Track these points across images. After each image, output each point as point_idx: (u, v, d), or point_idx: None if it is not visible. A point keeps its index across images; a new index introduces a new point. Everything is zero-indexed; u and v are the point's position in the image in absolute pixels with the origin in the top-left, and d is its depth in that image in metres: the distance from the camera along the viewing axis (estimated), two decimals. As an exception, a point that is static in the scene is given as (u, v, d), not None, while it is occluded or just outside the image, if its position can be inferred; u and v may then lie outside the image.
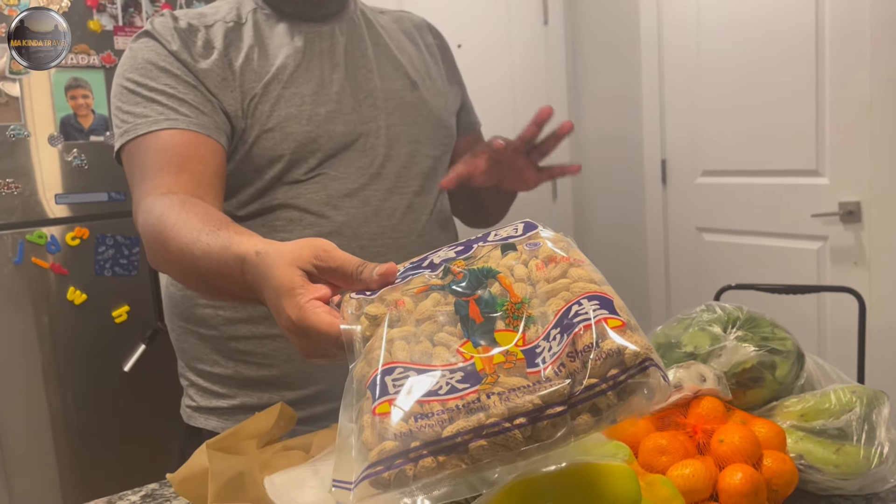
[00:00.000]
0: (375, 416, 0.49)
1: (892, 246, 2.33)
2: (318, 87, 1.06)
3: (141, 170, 0.97)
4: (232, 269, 0.72)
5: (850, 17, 2.32)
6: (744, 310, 0.85)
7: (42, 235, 1.88)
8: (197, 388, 1.15)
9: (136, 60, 1.02)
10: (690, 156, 2.87)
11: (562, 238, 0.61)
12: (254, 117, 1.02)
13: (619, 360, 0.49)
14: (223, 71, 1.02)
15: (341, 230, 1.04)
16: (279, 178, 1.04)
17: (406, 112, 1.12)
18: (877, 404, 0.77)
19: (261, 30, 1.07)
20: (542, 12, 3.20)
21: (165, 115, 0.97)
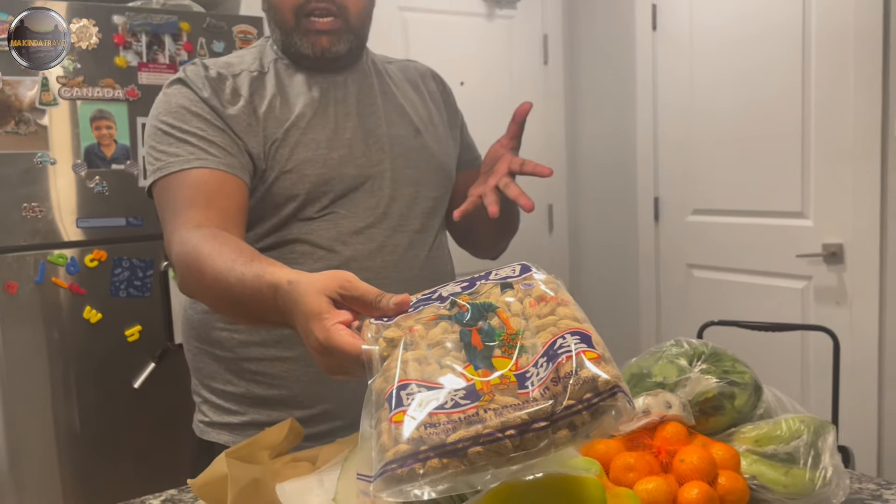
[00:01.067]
0: (392, 423, 0.60)
1: (872, 287, 2.42)
2: (332, 134, 1.16)
3: (173, 204, 1.06)
4: (265, 295, 0.81)
5: (834, 71, 2.45)
6: (708, 345, 0.95)
7: (63, 257, 1.98)
8: (210, 404, 1.24)
9: (170, 105, 1.12)
10: (682, 194, 2.98)
11: (552, 280, 0.72)
12: (274, 159, 1.12)
13: (594, 385, 0.59)
14: (248, 117, 1.12)
15: (349, 264, 1.13)
16: (294, 215, 1.14)
17: (410, 156, 1.22)
18: (823, 433, 0.87)
19: (282, 79, 1.18)
20: (543, 53, 3.33)
21: (196, 155, 1.07)
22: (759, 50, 2.64)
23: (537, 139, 3.33)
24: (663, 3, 2.95)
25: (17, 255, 1.93)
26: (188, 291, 1.03)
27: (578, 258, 3.48)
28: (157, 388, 2.13)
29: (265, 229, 1.16)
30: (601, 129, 3.29)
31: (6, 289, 1.91)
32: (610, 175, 3.27)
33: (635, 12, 3.04)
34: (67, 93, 1.95)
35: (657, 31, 2.98)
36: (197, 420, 1.27)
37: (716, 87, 2.80)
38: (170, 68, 2.06)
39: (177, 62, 2.08)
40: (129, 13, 2.01)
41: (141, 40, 2.01)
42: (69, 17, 1.95)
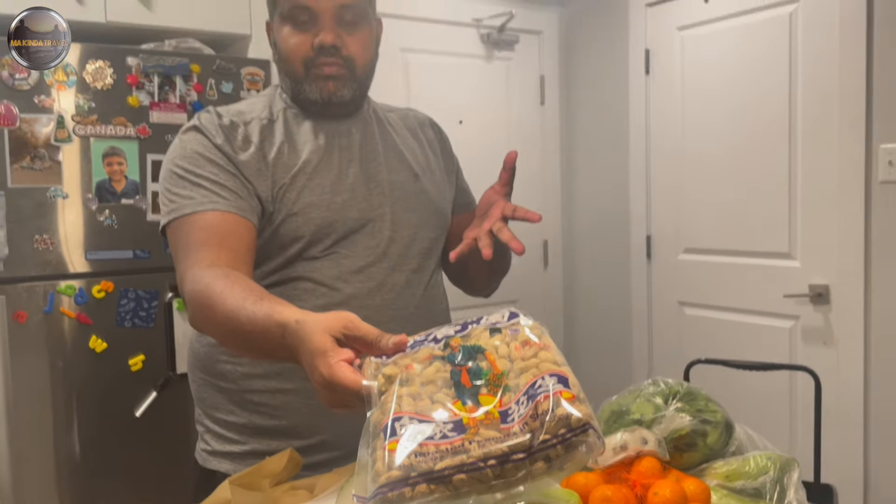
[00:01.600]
0: (386, 451, 0.67)
1: (857, 328, 2.49)
2: (336, 179, 1.23)
3: (186, 244, 1.12)
4: (274, 333, 0.87)
5: (820, 118, 2.54)
6: (683, 385, 1.01)
7: (71, 287, 2.04)
8: (213, 434, 1.29)
9: (186, 150, 1.19)
10: (674, 233, 3.06)
11: (537, 326, 0.79)
12: (282, 202, 1.19)
13: (568, 422, 0.66)
14: (258, 163, 1.20)
15: (349, 301, 1.20)
16: (299, 254, 1.21)
17: (408, 200, 1.30)
18: (788, 469, 0.93)
19: (290, 127, 1.26)
20: (540, 94, 3.43)
21: (209, 199, 1.14)
22: (747, 96, 2.74)
23: (534, 177, 3.42)
24: (656, 49, 3.06)
25: (28, 285, 2.00)
26: (199, 326, 1.09)
27: (573, 293, 3.54)
28: (157, 417, 2.18)
29: (271, 267, 1.22)
30: (596, 168, 3.38)
31: (16, 318, 1.98)
32: (604, 213, 3.35)
33: (629, 57, 3.15)
34: (81, 130, 2.03)
35: (650, 76, 3.09)
36: (199, 449, 1.32)
37: (706, 131, 2.89)
38: (180, 108, 2.15)
39: (187, 102, 2.16)
40: (142, 55, 2.10)
41: (153, 81, 2.10)
42: (85, 58, 2.03)
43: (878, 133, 2.39)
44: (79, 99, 2.03)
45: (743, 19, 2.74)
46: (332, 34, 1.19)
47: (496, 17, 3.18)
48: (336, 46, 1.20)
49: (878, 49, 2.37)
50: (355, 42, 1.22)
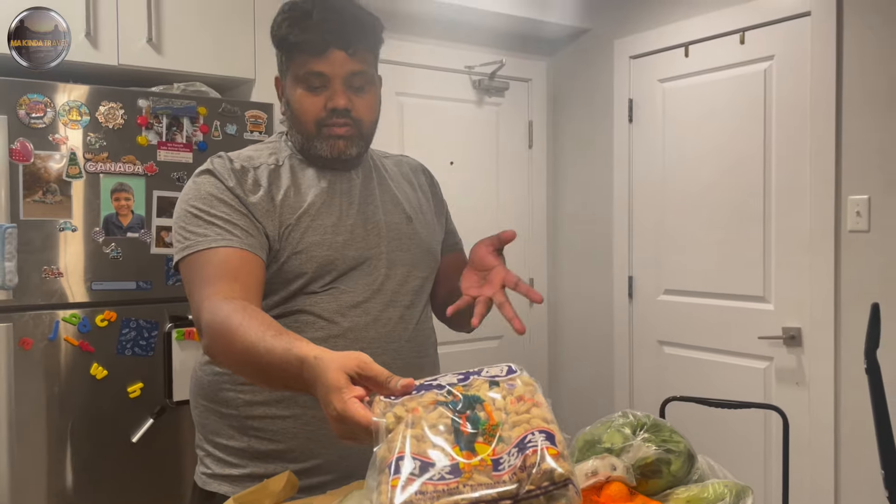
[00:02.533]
0: (389, 486, 0.76)
1: (828, 370, 2.59)
2: (337, 220, 1.34)
3: (201, 277, 1.20)
4: (292, 366, 0.95)
5: (793, 169, 2.68)
6: (650, 417, 1.11)
7: (76, 316, 2.13)
8: (213, 457, 1.37)
9: (200, 192, 1.28)
10: (655, 274, 3.17)
11: (532, 384, 0.89)
12: (287, 241, 1.29)
13: (551, 477, 0.76)
14: (267, 204, 1.29)
15: (346, 334, 1.30)
16: (301, 289, 1.30)
17: (402, 241, 1.40)
18: (743, 496, 1.03)
19: (296, 172, 1.36)
20: (528, 138, 3.57)
21: (223, 236, 1.23)
22: (725, 146, 2.88)
23: (522, 217, 3.54)
24: (639, 99, 3.21)
25: (35, 313, 2.08)
26: (215, 355, 1.16)
27: (557, 330, 3.64)
28: (153, 443, 2.24)
29: (275, 300, 1.31)
30: (581, 210, 3.50)
31: (21, 344, 2.05)
32: (588, 253, 3.46)
33: (614, 105, 3.29)
34: (92, 167, 2.14)
35: (633, 124, 3.23)
36: (199, 472, 1.39)
37: (686, 178, 3.02)
38: (186, 147, 2.26)
39: (193, 142, 2.27)
40: (152, 97, 2.21)
41: (162, 122, 2.21)
42: (98, 99, 2.14)
43: (847, 185, 2.52)
44: (90, 137, 2.13)
45: (721, 74, 2.89)
46: (343, 98, 1.29)
47: (487, 64, 3.33)
48: (347, 109, 1.30)
49: (847, 105, 2.51)
50: (363, 104, 1.32)
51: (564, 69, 3.56)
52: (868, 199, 2.47)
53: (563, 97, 3.57)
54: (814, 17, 2.58)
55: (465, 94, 3.36)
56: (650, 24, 3.13)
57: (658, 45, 3.10)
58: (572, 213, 3.55)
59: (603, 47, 3.34)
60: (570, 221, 3.56)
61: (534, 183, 3.58)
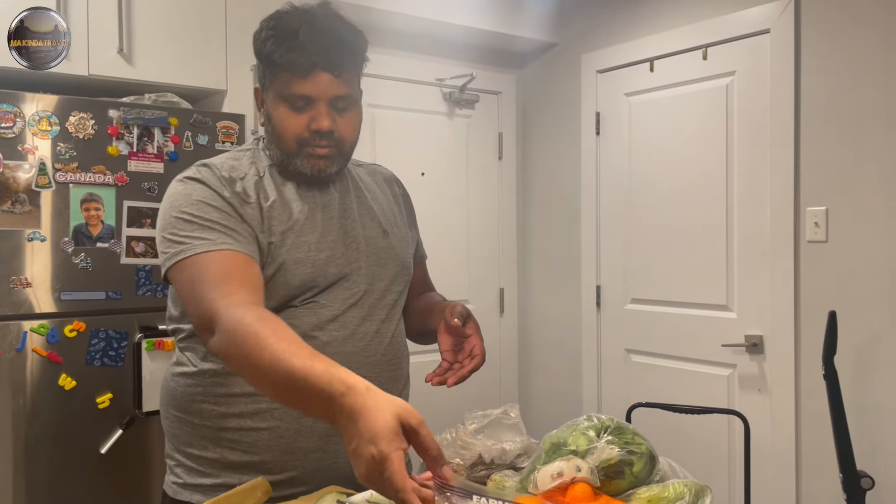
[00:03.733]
0: None
1: (788, 376, 2.67)
2: (319, 237, 1.33)
3: (206, 278, 1.17)
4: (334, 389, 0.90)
5: (753, 180, 2.76)
6: (614, 420, 1.15)
7: (44, 327, 2.11)
8: (184, 467, 1.36)
9: (191, 199, 1.24)
10: (622, 284, 3.23)
11: None
12: (272, 257, 1.28)
13: None
14: (257, 214, 1.28)
15: (324, 349, 1.26)
16: (281, 304, 1.30)
17: (379, 255, 1.41)
18: (702, 495, 1.07)
19: (278, 185, 1.35)
20: (498, 149, 3.62)
21: (223, 240, 1.21)
22: (688, 158, 2.95)
23: (491, 228, 3.58)
24: (606, 112, 3.28)
25: (2, 324, 2.06)
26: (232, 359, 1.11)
27: (527, 340, 3.68)
28: (122, 454, 2.23)
29: None
30: (550, 220, 3.56)
31: (-12, 355, 2.04)
32: (557, 264, 3.52)
33: (581, 118, 3.36)
34: (62, 177, 2.13)
35: (600, 136, 3.30)
36: (170, 481, 1.38)
37: (652, 189, 3.09)
38: (157, 158, 2.26)
39: (164, 152, 2.28)
40: (123, 108, 2.22)
41: (133, 132, 2.21)
42: (68, 110, 2.14)
43: (806, 196, 2.61)
44: (61, 147, 2.13)
45: (684, 88, 2.97)
46: (327, 120, 1.28)
47: (458, 77, 3.38)
48: (331, 131, 1.29)
49: (805, 119, 2.60)
50: (346, 124, 1.32)
51: (534, 82, 3.62)
52: (826, 211, 2.55)
53: (533, 110, 3.63)
54: (773, 34, 2.66)
55: (436, 107, 3.40)
56: (616, 39, 3.21)
57: (624, 60, 3.17)
58: (541, 224, 3.60)
59: (571, 61, 3.41)
60: (540, 232, 3.61)
61: (504, 194, 3.63)
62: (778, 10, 2.64)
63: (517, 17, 3.32)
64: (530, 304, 3.66)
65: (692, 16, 2.93)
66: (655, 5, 3.07)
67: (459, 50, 3.39)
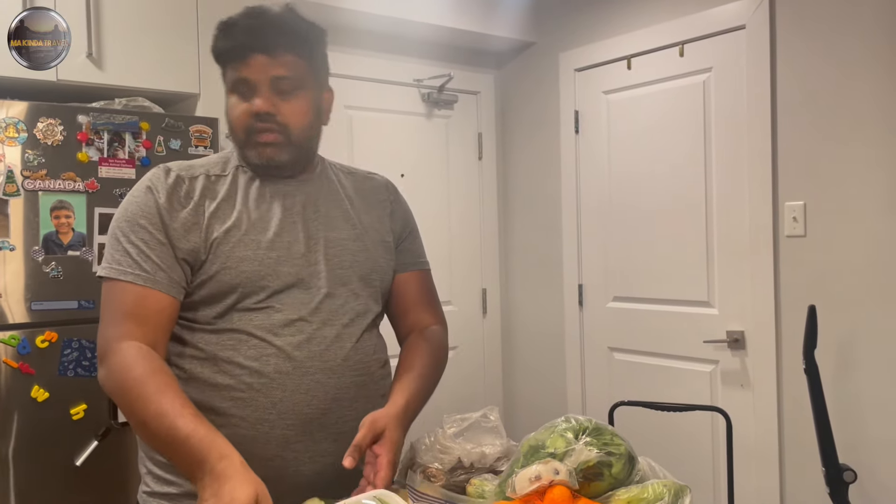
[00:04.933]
0: None
1: (770, 372, 2.67)
2: (273, 236, 1.31)
3: (112, 309, 1.24)
4: (211, 455, 1.07)
5: (732, 177, 2.76)
6: (592, 421, 1.13)
7: (15, 338, 2.07)
8: (152, 475, 1.34)
9: (128, 211, 1.27)
10: (603, 282, 3.22)
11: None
12: (215, 254, 1.27)
13: None
14: (193, 218, 1.27)
15: (278, 353, 1.28)
16: (233, 306, 1.28)
17: (344, 259, 1.38)
18: (681, 495, 1.05)
19: (237, 184, 1.34)
20: (478, 149, 3.60)
21: (132, 269, 1.23)
22: (667, 155, 2.95)
23: (473, 228, 3.57)
24: (585, 110, 3.27)
25: (-29, 335, 2.02)
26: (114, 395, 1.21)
27: (510, 339, 3.67)
28: (98, 466, 2.19)
29: (210, 316, 1.29)
30: (531, 220, 3.55)
31: (-43, 368, 1.99)
32: (539, 263, 3.51)
33: (560, 117, 3.35)
34: (31, 185, 2.09)
35: (579, 135, 3.29)
36: (141, 490, 1.37)
37: (631, 187, 3.09)
38: (128, 163, 2.22)
39: (135, 158, 2.24)
40: (93, 113, 2.18)
41: (103, 138, 2.17)
42: (36, 116, 2.10)
43: (784, 191, 2.61)
44: (28, 154, 2.09)
45: (662, 85, 2.97)
46: (266, 102, 1.28)
47: (436, 77, 3.36)
48: (270, 113, 1.29)
49: (782, 113, 2.61)
50: (290, 109, 1.30)
51: (512, 82, 3.61)
52: (804, 205, 2.55)
53: (512, 109, 3.62)
54: (748, 30, 2.67)
55: (415, 107, 3.38)
56: (593, 37, 3.20)
57: (601, 58, 3.17)
58: (523, 224, 3.59)
59: (548, 60, 3.40)
60: (521, 231, 3.60)
61: (484, 194, 3.62)
62: (753, 6, 2.65)
63: (494, 17, 3.31)
64: (513, 304, 3.65)
65: (668, 13, 2.93)
66: (632, 3, 3.07)
67: (437, 50, 3.38)
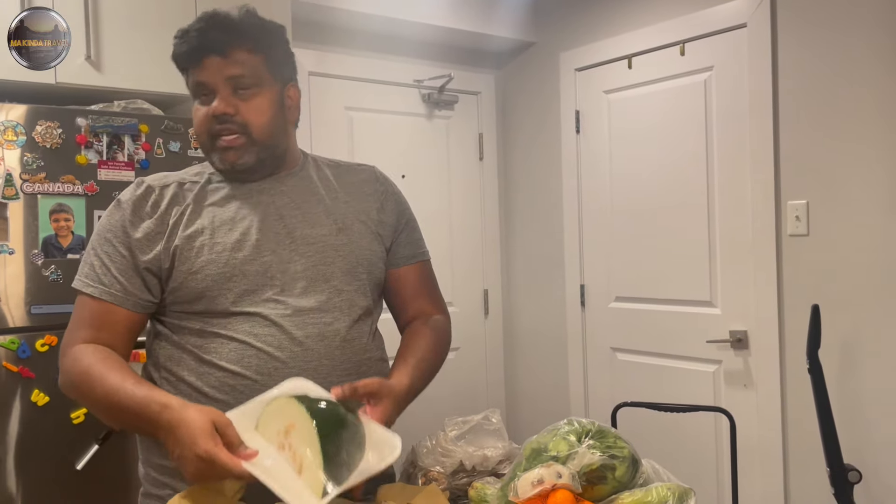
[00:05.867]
0: None
1: (774, 371, 2.65)
2: (240, 237, 1.29)
3: (73, 321, 1.28)
4: (151, 410, 1.09)
5: (734, 176, 2.75)
6: (595, 424, 1.12)
7: (14, 342, 2.06)
8: (149, 478, 1.33)
9: (100, 226, 1.31)
10: (606, 283, 3.21)
11: None
12: (180, 261, 1.27)
13: None
14: (157, 227, 1.28)
15: (260, 354, 1.25)
16: (208, 310, 1.27)
17: (327, 254, 1.34)
18: (686, 498, 1.04)
19: (205, 191, 1.33)
20: (478, 150, 3.59)
21: (93, 282, 1.27)
22: (669, 155, 2.94)
23: (474, 229, 3.56)
24: (586, 110, 3.26)
25: (-30, 340, 2.01)
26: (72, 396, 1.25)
27: (512, 340, 3.66)
28: (99, 471, 2.18)
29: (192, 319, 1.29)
30: (532, 220, 3.54)
31: (-43, 373, 1.98)
32: (540, 263, 3.50)
33: (561, 117, 3.34)
34: (29, 188, 2.08)
35: (581, 134, 3.28)
36: (140, 492, 1.36)
37: (633, 187, 3.08)
38: (128, 166, 2.21)
39: (135, 160, 2.23)
40: (91, 116, 2.17)
41: (102, 140, 2.16)
42: (35, 119, 2.09)
43: (786, 190, 2.60)
44: (27, 158, 2.08)
45: (663, 84, 2.96)
46: (224, 103, 1.26)
47: (436, 78, 3.35)
48: (227, 114, 1.27)
49: (784, 112, 2.59)
50: (249, 108, 1.28)
51: (512, 82, 3.60)
52: (806, 204, 2.54)
53: (512, 110, 3.61)
54: (749, 28, 2.65)
55: (415, 108, 3.37)
56: (594, 37, 3.19)
57: (602, 58, 3.16)
58: (524, 224, 3.58)
59: (549, 60, 3.39)
60: (523, 232, 3.59)
61: (485, 195, 3.61)
62: (754, 5, 2.63)
63: (494, 17, 3.30)
64: (515, 304, 3.64)
65: (669, 11, 2.91)
66: (632, 2, 3.06)
67: (437, 51, 3.37)
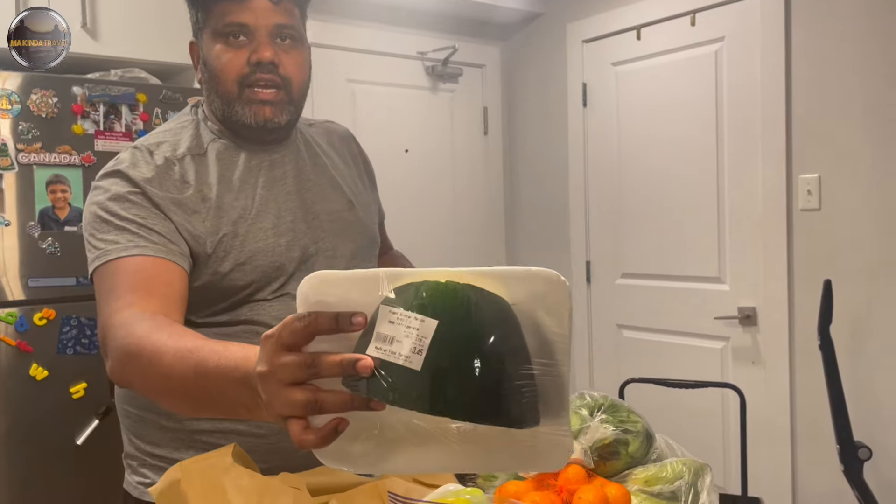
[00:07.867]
0: None
1: (782, 348, 2.62)
2: (276, 220, 1.20)
3: (112, 289, 1.03)
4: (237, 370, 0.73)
5: (744, 149, 2.69)
6: (608, 398, 1.08)
7: (12, 315, 2.03)
8: (151, 467, 1.23)
9: (110, 192, 1.11)
10: (612, 259, 3.17)
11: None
12: (226, 251, 1.15)
13: None
14: (197, 204, 1.14)
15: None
16: (247, 298, 1.18)
17: (347, 230, 1.28)
18: (701, 474, 1.01)
19: (223, 163, 1.18)
20: (483, 124, 3.54)
21: (135, 243, 1.06)
22: (678, 128, 2.88)
23: (478, 204, 3.51)
24: (593, 83, 3.19)
25: (-33, 313, 1.98)
26: (128, 381, 0.98)
27: (516, 318, 3.62)
28: (99, 445, 2.16)
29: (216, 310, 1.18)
30: (538, 195, 3.49)
31: (-47, 346, 1.95)
32: (546, 239, 3.45)
33: (567, 90, 3.28)
34: (25, 158, 2.03)
35: (588, 108, 3.22)
36: (134, 481, 1.25)
37: (640, 161, 3.02)
38: (125, 136, 2.17)
39: (132, 131, 2.18)
40: (88, 84, 2.12)
41: (99, 110, 2.12)
42: (29, 87, 2.04)
43: (798, 164, 2.54)
44: (22, 127, 2.03)
45: (672, 56, 2.89)
46: (269, 50, 1.14)
47: (440, 50, 3.28)
48: (274, 63, 1.15)
49: (796, 84, 2.53)
50: (292, 61, 1.17)
51: (518, 54, 3.53)
52: (818, 178, 2.49)
53: (518, 82, 3.55)
54: (762, -3, 2.59)
55: (419, 81, 3.31)
56: (602, 7, 3.12)
57: (610, 29, 3.08)
58: (529, 199, 3.53)
59: (556, 31, 3.32)
60: (528, 207, 3.54)
61: (490, 169, 3.55)
62: (768, -28, 2.56)
63: (499, -13, 3.23)
64: (519, 281, 3.59)
65: (679, -20, 2.84)
66: (641, -30, 2.98)
67: (441, 21, 3.30)
